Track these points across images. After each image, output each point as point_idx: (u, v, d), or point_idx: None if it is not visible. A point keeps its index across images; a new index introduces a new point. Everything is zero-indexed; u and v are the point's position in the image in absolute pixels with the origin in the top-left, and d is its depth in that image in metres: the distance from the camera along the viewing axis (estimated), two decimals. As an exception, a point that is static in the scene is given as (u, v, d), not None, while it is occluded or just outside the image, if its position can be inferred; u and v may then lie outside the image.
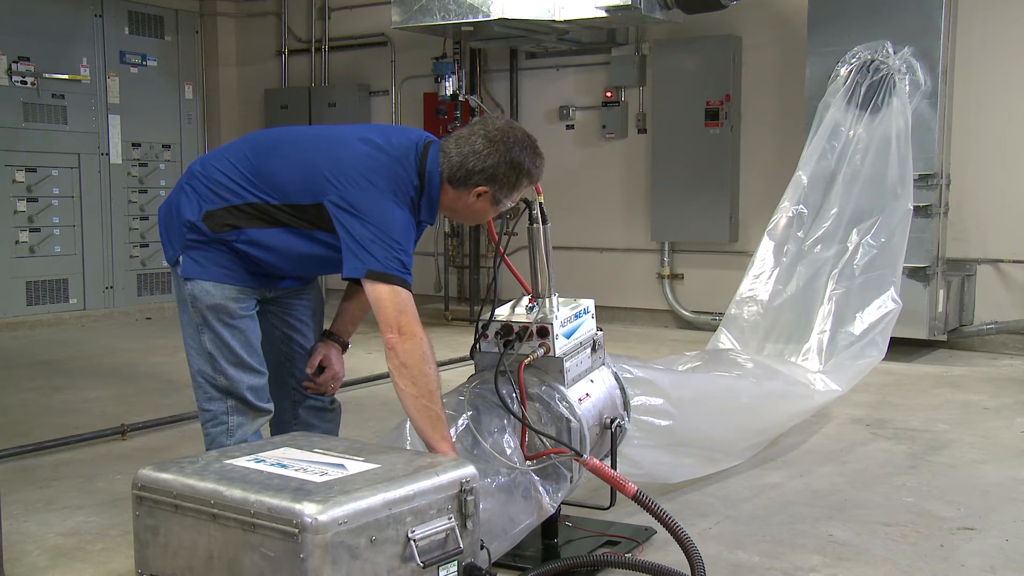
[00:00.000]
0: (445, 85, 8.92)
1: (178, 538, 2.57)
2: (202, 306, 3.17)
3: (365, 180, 2.98)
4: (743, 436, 4.39)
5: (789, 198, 6.28)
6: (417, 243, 3.18)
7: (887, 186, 6.19)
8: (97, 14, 9.49)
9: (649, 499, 3.02)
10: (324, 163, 3.04)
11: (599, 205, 9.15)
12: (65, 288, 9.28)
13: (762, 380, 4.71)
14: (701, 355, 4.98)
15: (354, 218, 2.95)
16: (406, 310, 2.94)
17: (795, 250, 6.05)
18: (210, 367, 3.22)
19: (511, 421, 3.06)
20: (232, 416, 3.23)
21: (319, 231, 3.08)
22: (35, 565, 3.42)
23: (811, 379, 5.02)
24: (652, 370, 4.03)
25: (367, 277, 2.94)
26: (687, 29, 8.38)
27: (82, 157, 9.34)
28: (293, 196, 3.07)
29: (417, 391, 2.89)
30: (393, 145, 3.08)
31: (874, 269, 5.82)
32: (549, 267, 3.27)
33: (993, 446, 4.86)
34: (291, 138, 3.24)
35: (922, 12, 6.94)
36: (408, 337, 2.92)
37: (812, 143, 6.55)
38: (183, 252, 3.18)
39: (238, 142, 3.30)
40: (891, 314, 5.63)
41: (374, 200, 2.97)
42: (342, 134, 3.18)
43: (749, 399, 4.49)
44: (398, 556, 2.47)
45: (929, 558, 3.41)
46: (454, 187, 3.06)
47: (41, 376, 6.81)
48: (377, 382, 6.45)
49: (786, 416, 4.71)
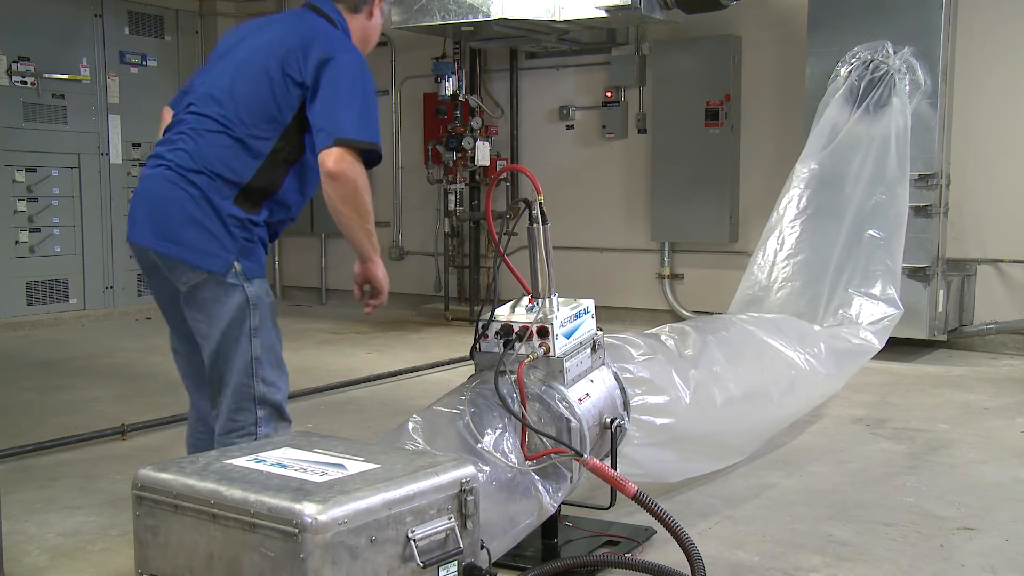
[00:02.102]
0: (445, 85, 8.92)
1: (178, 538, 2.57)
2: (264, 306, 3.05)
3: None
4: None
5: (788, 194, 6.27)
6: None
7: (886, 186, 6.19)
8: (97, 14, 9.50)
9: (649, 499, 3.02)
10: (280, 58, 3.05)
11: (599, 205, 9.16)
12: (65, 288, 9.29)
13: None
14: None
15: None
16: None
17: (794, 249, 6.05)
18: (247, 375, 3.03)
19: (511, 421, 3.06)
20: (262, 427, 3.07)
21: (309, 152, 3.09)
22: (35, 565, 3.42)
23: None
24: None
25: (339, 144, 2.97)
26: (687, 29, 8.38)
27: (82, 157, 9.34)
28: (286, 111, 3.04)
29: (359, 216, 3.06)
30: (306, 16, 3.20)
31: (874, 268, 5.82)
32: (549, 267, 3.27)
33: (993, 446, 4.86)
34: (231, 65, 3.15)
35: (922, 12, 6.94)
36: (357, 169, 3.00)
37: (811, 140, 6.54)
38: (239, 255, 3.01)
39: (178, 105, 3.22)
40: (891, 317, 5.64)
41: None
42: (266, 35, 3.17)
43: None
44: (398, 556, 2.47)
45: (929, 558, 3.41)
46: (356, 13, 3.24)
47: (41, 376, 6.81)
48: (377, 382, 6.46)
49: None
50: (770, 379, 4.53)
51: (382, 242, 10.15)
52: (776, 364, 4.65)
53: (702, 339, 4.39)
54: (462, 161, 9.05)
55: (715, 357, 4.27)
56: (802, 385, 4.73)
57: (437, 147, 9.19)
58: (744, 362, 4.46)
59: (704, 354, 4.24)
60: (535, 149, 9.47)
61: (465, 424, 3.07)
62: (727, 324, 4.92)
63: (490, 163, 9.15)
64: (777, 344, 4.75)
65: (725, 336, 4.62)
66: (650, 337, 4.21)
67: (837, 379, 5.13)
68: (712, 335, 4.52)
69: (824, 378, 4.92)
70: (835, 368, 5.04)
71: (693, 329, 4.52)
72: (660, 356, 3.97)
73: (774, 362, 4.65)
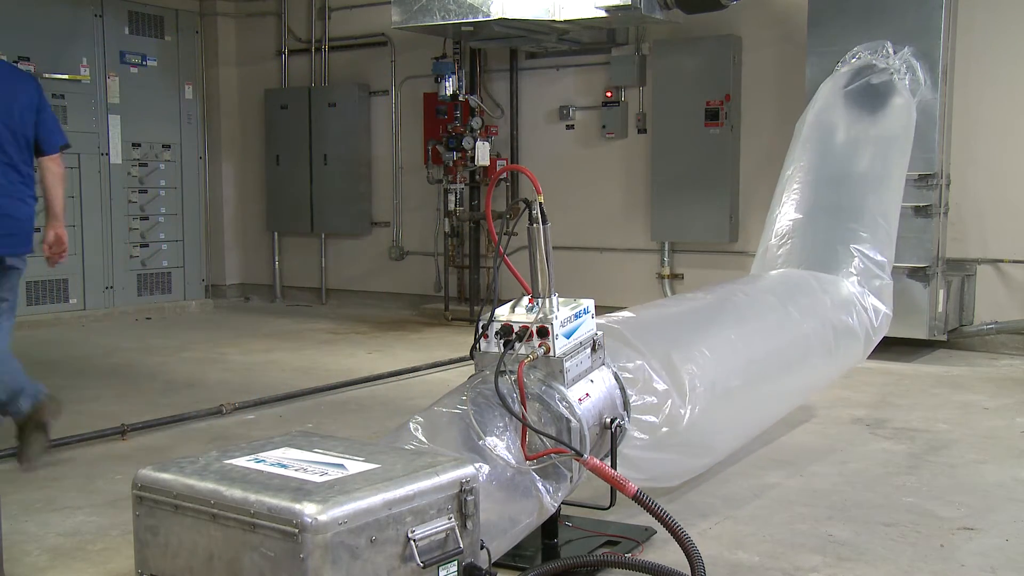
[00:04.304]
0: (445, 85, 8.92)
1: (178, 538, 2.57)
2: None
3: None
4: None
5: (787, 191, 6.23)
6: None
7: (886, 186, 6.18)
8: (97, 14, 9.49)
9: (649, 499, 3.02)
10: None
11: (599, 205, 9.15)
12: (65, 288, 9.28)
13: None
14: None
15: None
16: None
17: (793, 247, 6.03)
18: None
19: (512, 421, 3.06)
20: None
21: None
22: (35, 565, 3.42)
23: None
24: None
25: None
26: (687, 29, 8.38)
27: (82, 157, 9.34)
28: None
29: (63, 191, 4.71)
30: None
31: (868, 266, 5.77)
32: (549, 267, 3.27)
33: (993, 446, 4.86)
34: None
35: (922, 12, 6.94)
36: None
37: (800, 139, 6.46)
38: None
39: None
40: (881, 320, 5.56)
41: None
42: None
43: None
44: (398, 556, 2.48)
45: (929, 558, 3.41)
46: None
47: (41, 376, 6.75)
48: (377, 382, 6.45)
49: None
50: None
51: (383, 242, 10.21)
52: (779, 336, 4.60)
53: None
54: (462, 161, 9.05)
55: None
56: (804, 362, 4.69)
57: (437, 147, 9.19)
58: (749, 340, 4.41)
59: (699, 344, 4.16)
60: (535, 149, 9.47)
61: (466, 424, 3.07)
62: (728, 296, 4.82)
63: (490, 163, 9.15)
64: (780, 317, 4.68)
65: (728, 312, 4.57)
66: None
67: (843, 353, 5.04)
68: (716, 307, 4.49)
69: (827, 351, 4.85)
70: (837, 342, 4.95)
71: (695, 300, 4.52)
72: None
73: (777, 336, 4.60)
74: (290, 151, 10.64)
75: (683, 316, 4.43)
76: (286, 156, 10.67)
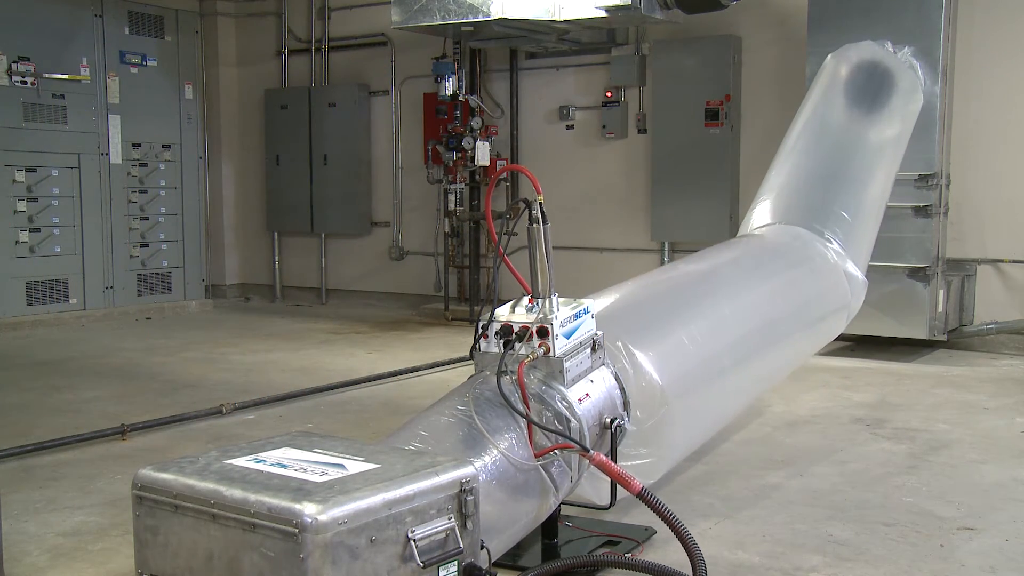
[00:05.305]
0: (445, 85, 8.92)
1: (178, 538, 2.57)
2: None
3: None
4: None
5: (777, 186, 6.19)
6: None
7: (885, 185, 6.18)
8: (97, 14, 9.49)
9: (654, 497, 3.02)
10: None
11: (599, 205, 9.16)
12: (65, 288, 9.28)
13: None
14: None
15: None
16: None
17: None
18: None
19: (514, 420, 3.05)
20: None
21: None
22: (35, 565, 3.42)
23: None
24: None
25: None
26: (687, 29, 8.38)
27: (82, 157, 9.34)
28: None
29: None
30: None
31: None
32: (549, 267, 3.27)
33: (993, 446, 4.86)
34: None
35: (922, 12, 6.94)
36: None
37: (794, 134, 6.42)
38: None
39: None
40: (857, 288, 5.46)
41: None
42: None
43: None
44: (398, 556, 2.47)
45: (929, 558, 3.41)
46: None
47: (41, 376, 6.81)
48: (377, 382, 6.46)
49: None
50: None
51: (383, 242, 10.22)
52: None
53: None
54: (462, 161, 9.05)
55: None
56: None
57: (437, 147, 9.20)
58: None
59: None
60: (535, 149, 9.47)
61: (468, 424, 3.07)
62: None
63: (490, 163, 9.15)
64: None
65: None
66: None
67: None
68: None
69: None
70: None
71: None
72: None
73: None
74: (290, 151, 10.64)
75: (655, 299, 4.30)
76: (286, 156, 10.68)
